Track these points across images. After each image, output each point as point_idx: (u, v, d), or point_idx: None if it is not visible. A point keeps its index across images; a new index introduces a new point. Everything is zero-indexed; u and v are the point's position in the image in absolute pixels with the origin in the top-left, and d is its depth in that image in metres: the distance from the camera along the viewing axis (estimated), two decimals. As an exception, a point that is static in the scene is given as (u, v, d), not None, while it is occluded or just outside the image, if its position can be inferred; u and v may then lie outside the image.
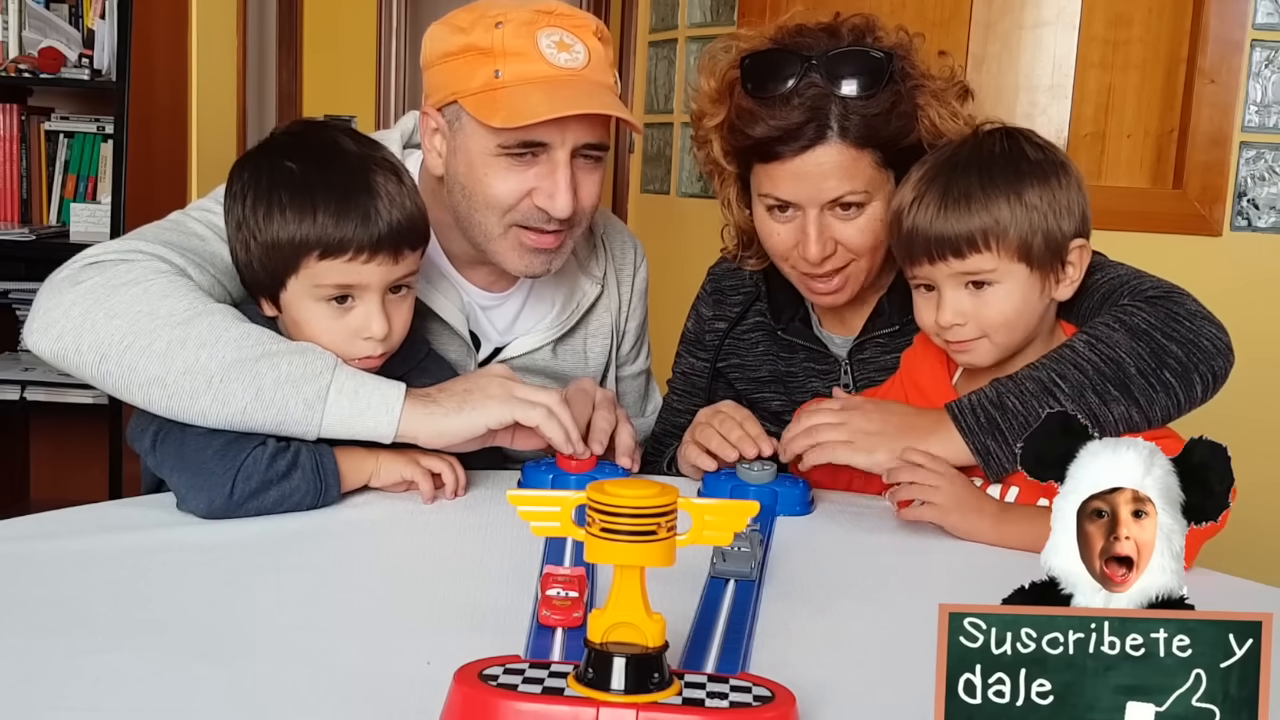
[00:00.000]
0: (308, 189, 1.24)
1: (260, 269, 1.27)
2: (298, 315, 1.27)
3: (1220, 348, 1.26)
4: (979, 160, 1.29)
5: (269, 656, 0.87)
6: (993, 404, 1.24)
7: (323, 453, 1.23)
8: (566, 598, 0.90)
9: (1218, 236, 2.65)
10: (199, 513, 1.18)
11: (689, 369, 1.64)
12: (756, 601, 1.01)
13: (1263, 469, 1.38)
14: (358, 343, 1.27)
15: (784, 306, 1.55)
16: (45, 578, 1.01)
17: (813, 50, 1.36)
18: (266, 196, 1.25)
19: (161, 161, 3.27)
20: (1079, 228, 1.30)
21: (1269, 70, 2.60)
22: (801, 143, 1.34)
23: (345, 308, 1.26)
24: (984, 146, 1.31)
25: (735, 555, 1.04)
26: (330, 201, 1.23)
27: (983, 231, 1.25)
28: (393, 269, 1.26)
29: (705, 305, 1.64)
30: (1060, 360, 1.25)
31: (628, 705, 0.71)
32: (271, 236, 1.24)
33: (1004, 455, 1.23)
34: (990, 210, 1.26)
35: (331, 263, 1.23)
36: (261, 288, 1.29)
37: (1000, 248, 1.26)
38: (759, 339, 1.58)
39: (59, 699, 0.78)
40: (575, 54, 1.35)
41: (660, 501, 0.72)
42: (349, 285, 1.25)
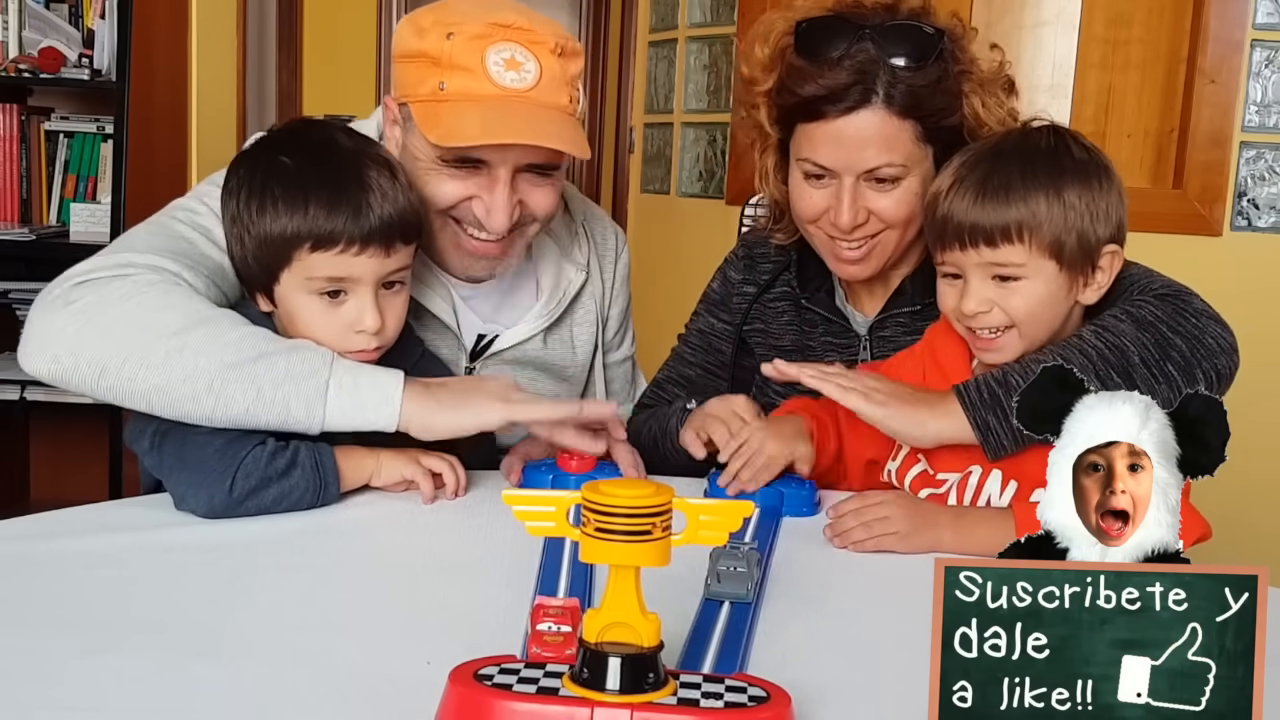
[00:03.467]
0: (301, 183, 1.25)
1: (254, 263, 1.27)
2: (292, 310, 1.28)
3: (1225, 347, 1.26)
4: (1022, 153, 1.28)
5: (268, 656, 0.87)
6: (997, 382, 1.25)
7: (322, 451, 1.23)
8: (559, 633, 0.84)
9: (1218, 236, 2.65)
10: (199, 511, 1.18)
11: (707, 328, 1.65)
12: (752, 626, 0.95)
13: (1263, 469, 1.37)
14: (351, 337, 1.27)
15: (811, 278, 1.57)
16: (45, 578, 1.01)
17: (868, 21, 1.38)
18: (260, 191, 1.26)
19: (161, 161, 3.27)
20: (1114, 234, 1.29)
21: (1269, 70, 2.59)
22: (847, 104, 1.36)
23: (338, 302, 1.26)
24: (1029, 140, 1.30)
25: (731, 576, 1.00)
26: (323, 195, 1.24)
27: (1018, 223, 1.24)
28: (384, 262, 1.26)
29: (734, 269, 1.65)
30: (1066, 346, 1.26)
31: (623, 705, 0.70)
32: (264, 230, 1.25)
33: (1003, 432, 1.23)
34: (1028, 203, 1.25)
35: (323, 255, 1.24)
36: (256, 282, 1.29)
37: (1033, 242, 1.25)
38: (784, 308, 1.59)
39: (59, 699, 0.78)
40: (524, 73, 1.33)
41: (655, 501, 0.72)
42: (341, 278, 1.25)
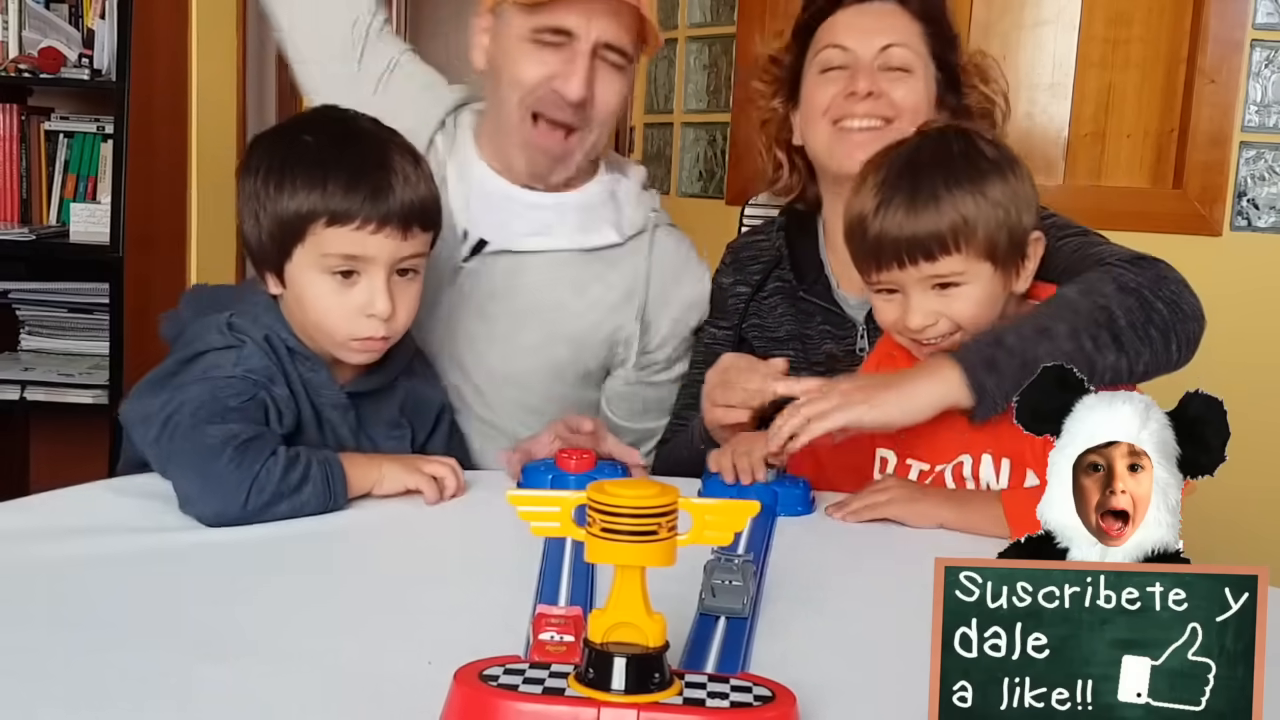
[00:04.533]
0: (321, 161, 1.25)
1: (268, 239, 1.27)
2: (301, 290, 1.27)
3: (1196, 314, 1.30)
4: (940, 161, 1.29)
5: (269, 656, 0.87)
6: (990, 343, 1.26)
7: (332, 463, 1.22)
8: (561, 643, 0.84)
9: (1218, 236, 2.65)
10: (207, 521, 1.17)
11: (710, 339, 1.66)
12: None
13: (1263, 469, 1.37)
14: (361, 321, 1.26)
15: (807, 269, 1.60)
16: (48, 576, 1.01)
17: None
18: (280, 168, 1.26)
19: (161, 161, 3.26)
20: (1035, 221, 1.32)
21: (1269, 70, 2.60)
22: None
23: (350, 283, 1.26)
24: (942, 148, 1.31)
25: (726, 590, 0.96)
26: (343, 173, 1.24)
27: (953, 232, 1.26)
28: (400, 245, 1.26)
29: (724, 274, 1.68)
30: (1054, 304, 1.28)
31: (629, 705, 0.71)
32: (282, 205, 1.25)
33: (998, 394, 1.23)
34: (958, 210, 1.26)
35: (338, 230, 1.23)
36: (268, 261, 1.28)
37: (969, 248, 1.27)
38: (778, 302, 1.62)
39: (59, 698, 0.78)
40: None
41: (660, 501, 0.72)
42: (355, 256, 1.25)
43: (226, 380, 1.24)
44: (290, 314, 1.30)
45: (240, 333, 1.27)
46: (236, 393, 1.23)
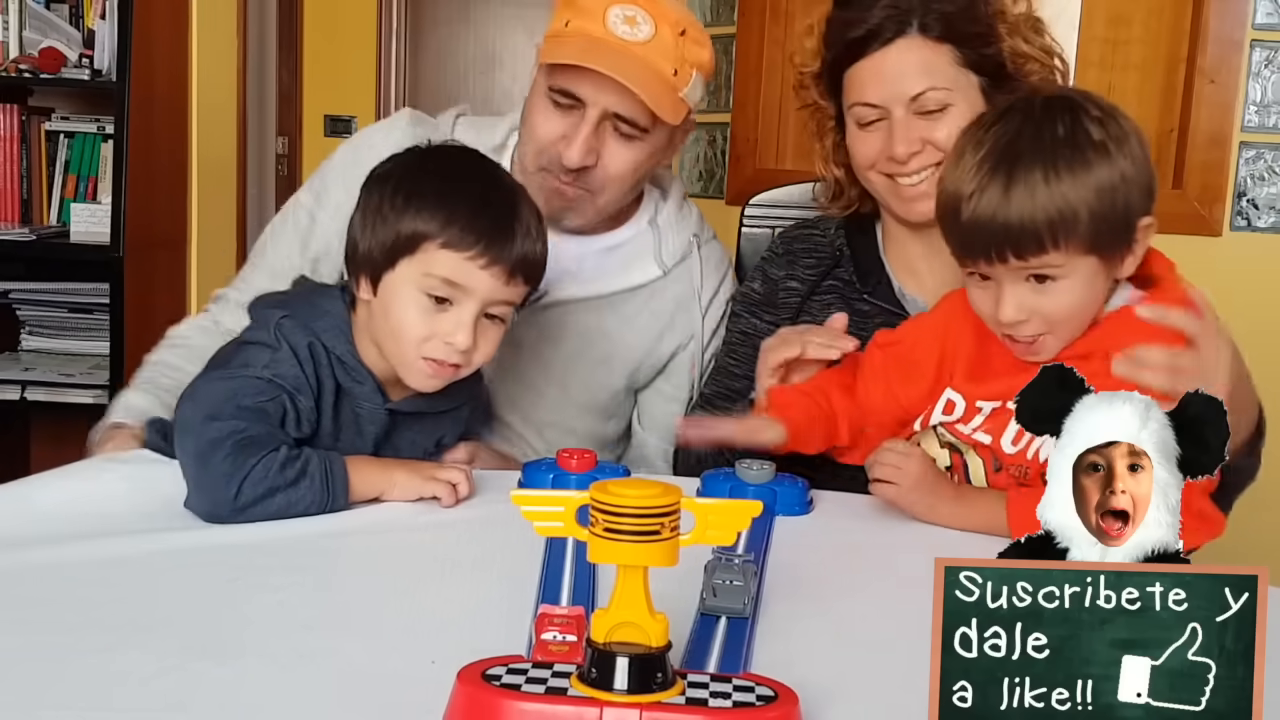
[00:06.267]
0: (456, 191, 1.28)
1: (376, 246, 1.27)
2: (390, 301, 1.27)
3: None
4: (1042, 147, 1.20)
5: (271, 656, 0.87)
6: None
7: (333, 461, 1.22)
8: (564, 642, 0.85)
9: (1217, 236, 2.65)
10: (201, 515, 1.17)
11: (751, 329, 1.62)
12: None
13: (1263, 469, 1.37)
14: (438, 344, 1.27)
15: (869, 270, 1.58)
16: (48, 578, 1.01)
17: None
18: (413, 185, 1.28)
19: (161, 161, 3.26)
20: (1147, 204, 1.22)
21: (1269, 70, 2.60)
22: (884, 37, 1.45)
23: (441, 308, 1.26)
24: (1044, 130, 1.21)
25: (727, 590, 0.96)
26: (473, 206, 1.27)
27: (1050, 226, 1.18)
28: (501, 288, 1.27)
29: (776, 266, 1.64)
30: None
31: (631, 705, 0.71)
32: (404, 221, 1.26)
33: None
34: (1057, 202, 1.18)
35: (450, 254, 1.25)
36: (368, 266, 1.28)
37: (1068, 243, 1.19)
38: (833, 301, 1.58)
39: (59, 699, 0.78)
40: (638, 30, 1.47)
41: (663, 501, 0.72)
42: (455, 284, 1.25)
43: (251, 379, 1.24)
44: (366, 322, 1.30)
45: (284, 335, 1.27)
46: (256, 392, 1.23)
